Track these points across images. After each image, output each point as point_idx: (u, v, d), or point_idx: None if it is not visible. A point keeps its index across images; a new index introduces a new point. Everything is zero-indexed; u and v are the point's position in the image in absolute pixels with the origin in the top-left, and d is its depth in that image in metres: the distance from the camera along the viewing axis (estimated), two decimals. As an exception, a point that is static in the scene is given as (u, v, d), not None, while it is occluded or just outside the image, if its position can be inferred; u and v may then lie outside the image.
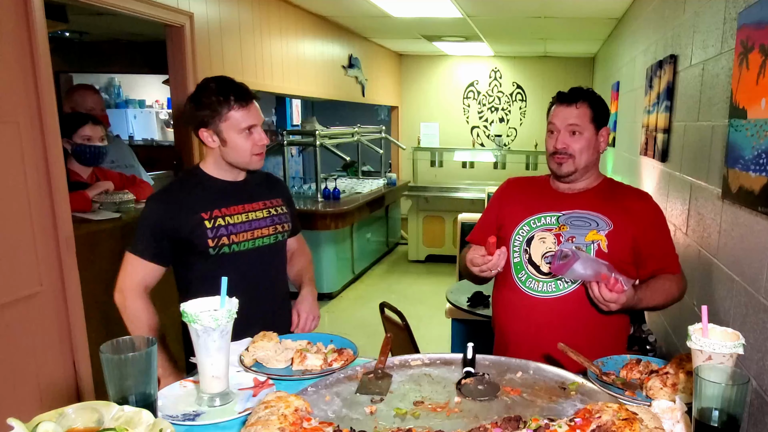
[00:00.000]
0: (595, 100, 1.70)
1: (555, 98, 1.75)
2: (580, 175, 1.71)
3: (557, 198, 1.73)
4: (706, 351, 1.01)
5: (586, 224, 1.65)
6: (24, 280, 2.17)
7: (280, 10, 4.45)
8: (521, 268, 1.69)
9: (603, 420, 0.95)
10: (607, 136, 1.73)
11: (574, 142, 1.66)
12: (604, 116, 1.72)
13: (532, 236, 1.69)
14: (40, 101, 2.20)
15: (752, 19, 1.52)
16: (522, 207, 1.75)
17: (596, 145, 1.70)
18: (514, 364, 1.34)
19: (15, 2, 2.11)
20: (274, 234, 1.81)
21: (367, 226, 6.42)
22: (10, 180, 2.11)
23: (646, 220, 1.67)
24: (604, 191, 1.73)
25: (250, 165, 1.73)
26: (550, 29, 5.66)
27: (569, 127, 1.66)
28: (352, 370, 1.30)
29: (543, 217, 1.70)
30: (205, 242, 1.67)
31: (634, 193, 1.76)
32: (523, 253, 1.69)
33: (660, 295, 1.62)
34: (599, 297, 1.49)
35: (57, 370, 2.35)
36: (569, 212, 1.68)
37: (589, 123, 1.67)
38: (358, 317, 4.97)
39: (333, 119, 8.32)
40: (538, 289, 1.66)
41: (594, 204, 1.68)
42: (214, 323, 1.11)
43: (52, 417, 0.88)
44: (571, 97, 1.69)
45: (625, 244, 1.64)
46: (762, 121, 1.42)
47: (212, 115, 1.65)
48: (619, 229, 1.63)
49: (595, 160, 1.72)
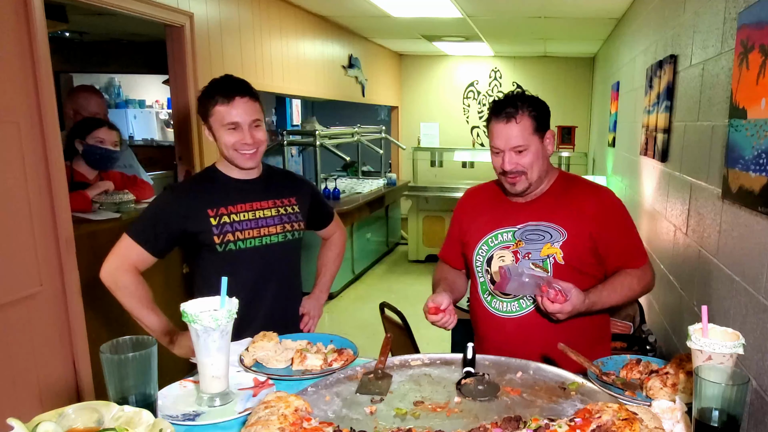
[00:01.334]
0: (533, 107, 1.60)
1: (490, 111, 1.63)
2: (535, 187, 1.65)
3: (512, 210, 1.68)
4: (706, 351, 1.01)
5: (540, 237, 1.62)
6: (24, 280, 2.17)
7: (280, 10, 4.45)
8: (485, 289, 1.70)
9: (603, 420, 0.95)
10: (552, 138, 1.65)
11: (522, 159, 1.59)
12: (545, 119, 1.63)
13: (492, 255, 1.67)
14: (40, 101, 2.20)
15: (752, 19, 1.52)
16: (480, 223, 1.72)
17: (544, 152, 1.62)
18: (514, 364, 1.34)
19: (15, 2, 2.11)
20: (283, 233, 1.81)
21: (367, 226, 6.42)
22: (10, 180, 2.11)
23: (601, 217, 1.61)
24: (558, 193, 1.67)
25: (236, 161, 1.71)
26: (550, 29, 5.66)
27: (513, 148, 1.58)
28: (352, 370, 1.30)
29: (500, 234, 1.67)
30: (210, 239, 1.69)
31: (589, 189, 1.69)
32: (485, 273, 1.69)
33: (617, 293, 1.58)
34: (544, 309, 1.48)
35: (57, 370, 2.35)
36: (524, 225, 1.64)
37: (532, 135, 1.58)
38: (358, 317, 4.97)
39: (333, 119, 8.32)
40: (502, 309, 1.67)
41: (548, 211, 1.64)
42: (214, 323, 1.11)
43: (52, 417, 0.88)
44: (508, 113, 1.57)
45: (582, 249, 1.60)
46: (762, 121, 1.42)
47: (204, 110, 1.69)
48: (574, 235, 1.59)
49: (547, 166, 1.66)
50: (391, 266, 6.93)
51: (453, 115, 8.00)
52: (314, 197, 1.98)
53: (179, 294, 2.77)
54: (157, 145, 7.41)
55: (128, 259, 1.68)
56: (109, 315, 2.42)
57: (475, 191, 1.86)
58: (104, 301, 1.85)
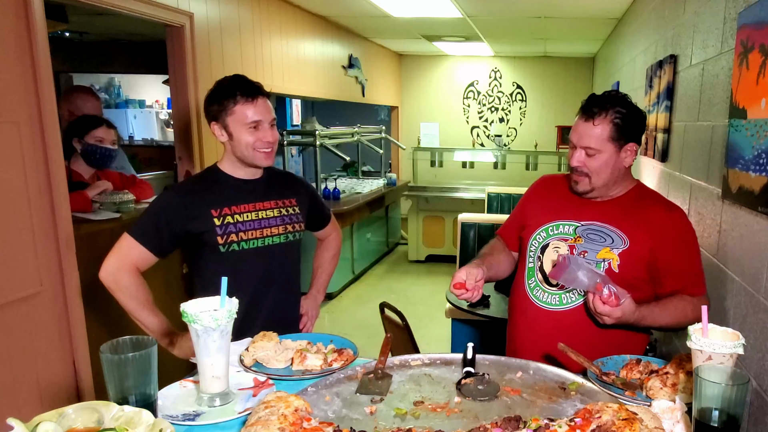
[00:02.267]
0: (620, 113, 1.55)
1: (581, 105, 1.62)
2: (599, 193, 1.62)
3: (580, 205, 1.66)
4: (706, 351, 1.01)
5: (601, 239, 1.59)
6: (24, 280, 2.17)
7: (280, 10, 4.45)
8: (532, 275, 1.67)
9: (603, 420, 0.95)
10: (634, 151, 1.59)
11: (590, 162, 1.56)
12: (632, 130, 1.57)
13: (548, 244, 1.65)
14: (40, 101, 2.20)
15: (752, 19, 1.52)
16: (544, 210, 1.70)
17: (618, 162, 1.57)
18: (514, 364, 1.34)
19: (15, 2, 2.11)
20: (284, 233, 1.82)
21: (367, 226, 6.42)
22: (10, 180, 2.11)
23: (667, 233, 1.56)
24: (630, 201, 1.63)
25: (255, 161, 1.73)
26: (550, 29, 5.66)
27: (584, 147, 1.57)
28: (352, 370, 1.30)
29: (561, 225, 1.65)
30: (214, 239, 1.70)
31: (662, 204, 1.65)
32: (536, 259, 1.67)
33: (669, 314, 1.51)
34: (593, 308, 1.45)
35: (57, 370, 2.35)
36: (588, 223, 1.61)
37: (608, 142, 1.54)
38: (358, 317, 4.97)
39: (333, 119, 8.32)
40: (543, 299, 1.64)
41: (615, 216, 1.60)
42: (214, 323, 1.11)
43: (52, 417, 0.88)
44: (591, 112, 1.56)
45: (639, 262, 1.55)
46: (762, 121, 1.42)
47: (220, 109, 1.69)
48: (635, 245, 1.55)
49: (619, 176, 1.61)
50: (391, 266, 6.94)
51: (453, 115, 8.00)
52: (313, 198, 1.99)
53: (179, 294, 2.77)
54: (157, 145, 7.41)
55: (129, 259, 1.67)
56: (109, 315, 2.42)
57: (550, 178, 1.85)
58: (104, 301, 1.85)
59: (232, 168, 1.78)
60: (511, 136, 7.91)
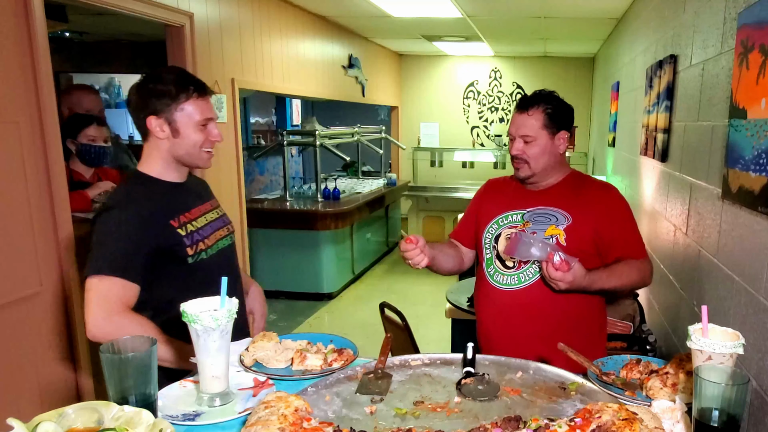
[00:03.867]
0: (550, 105, 1.74)
1: (516, 103, 1.83)
2: (540, 178, 1.78)
3: (524, 196, 1.83)
4: (706, 351, 1.01)
5: (547, 219, 1.75)
6: (24, 280, 2.17)
7: (280, 10, 4.45)
8: (491, 263, 1.81)
9: (603, 420, 0.95)
10: (566, 139, 1.77)
11: (528, 149, 1.74)
12: (562, 120, 1.76)
13: (500, 233, 1.80)
14: (40, 101, 2.20)
15: (752, 19, 1.52)
16: (494, 206, 1.86)
17: (553, 148, 1.75)
18: (514, 364, 1.34)
19: (15, 2, 2.11)
20: (228, 234, 1.73)
21: (367, 226, 6.42)
22: (10, 180, 2.11)
23: (606, 210, 1.74)
24: (568, 186, 1.80)
25: (198, 161, 1.59)
26: (550, 29, 5.66)
27: (521, 137, 1.74)
28: (352, 370, 1.30)
29: (510, 215, 1.81)
30: (184, 251, 1.53)
31: (597, 185, 1.84)
32: (492, 249, 1.81)
33: (617, 277, 1.66)
34: (547, 275, 1.57)
35: (57, 370, 2.35)
36: (533, 209, 1.78)
37: (541, 129, 1.72)
38: (358, 317, 4.97)
39: (333, 119, 8.32)
40: (503, 282, 1.77)
41: (556, 200, 1.77)
42: (214, 323, 1.11)
43: (52, 417, 0.88)
44: (524, 105, 1.75)
45: (584, 236, 1.71)
46: (762, 121, 1.42)
47: (168, 102, 1.51)
48: (578, 221, 1.72)
49: (555, 162, 1.78)
50: (391, 266, 6.93)
51: (453, 115, 8.00)
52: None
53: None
54: (157, 145, 7.39)
55: (113, 301, 1.40)
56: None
57: (495, 180, 2.02)
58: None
59: (163, 171, 1.58)
60: (511, 136, 7.91)
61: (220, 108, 3.61)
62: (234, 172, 3.82)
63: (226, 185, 3.73)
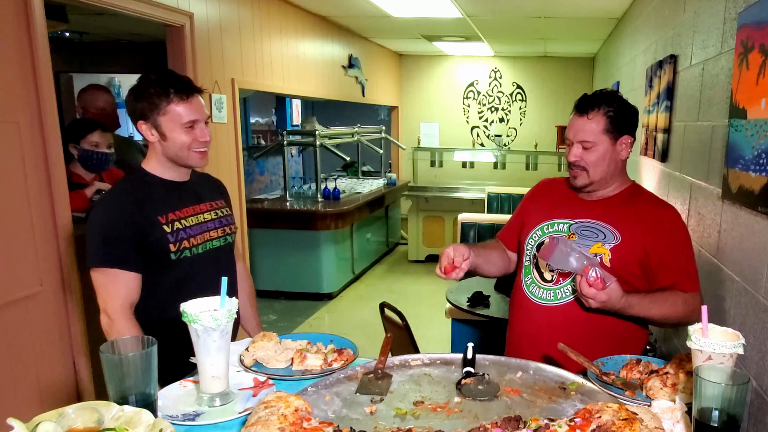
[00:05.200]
0: (612, 107, 1.60)
1: (575, 104, 1.68)
2: (598, 187, 1.65)
3: (574, 204, 1.70)
4: (706, 351, 1.01)
5: (594, 235, 1.61)
6: (24, 280, 2.17)
7: (280, 10, 4.45)
8: (528, 272, 1.70)
9: (603, 420, 0.95)
10: (629, 144, 1.64)
11: (587, 155, 1.60)
12: (626, 123, 1.62)
13: (543, 242, 1.67)
14: (40, 101, 2.20)
15: (752, 19, 1.52)
16: (541, 210, 1.74)
17: (614, 155, 1.61)
18: (514, 364, 1.34)
19: (15, 2, 2.11)
20: (223, 236, 1.75)
21: (367, 226, 6.42)
22: (10, 180, 2.11)
23: (660, 230, 1.58)
24: (623, 200, 1.66)
25: (190, 161, 1.63)
26: (550, 29, 5.66)
27: (581, 142, 1.61)
28: (352, 370, 1.30)
29: (556, 224, 1.68)
30: (166, 247, 1.58)
31: (655, 202, 1.68)
32: (532, 257, 1.70)
33: (659, 306, 1.51)
34: (579, 290, 1.45)
35: (57, 370, 2.35)
36: (581, 221, 1.65)
37: (602, 134, 1.59)
38: (358, 317, 4.97)
39: (333, 119, 8.32)
40: (538, 295, 1.66)
41: (608, 213, 1.63)
42: (214, 323, 1.11)
43: (52, 417, 0.88)
44: (584, 107, 1.61)
45: (632, 258, 1.57)
46: (762, 121, 1.42)
47: (150, 107, 1.56)
48: (627, 241, 1.57)
49: (616, 170, 1.64)
50: (391, 266, 6.93)
51: (453, 115, 8.00)
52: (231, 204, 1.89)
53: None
54: (156, 144, 7.39)
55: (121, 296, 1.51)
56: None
57: (549, 181, 1.88)
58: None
59: (162, 170, 1.65)
60: (511, 136, 7.91)
61: (221, 108, 3.61)
62: (234, 172, 3.82)
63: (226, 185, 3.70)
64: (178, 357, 1.31)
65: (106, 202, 1.61)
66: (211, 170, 2.56)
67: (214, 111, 3.53)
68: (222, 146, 3.65)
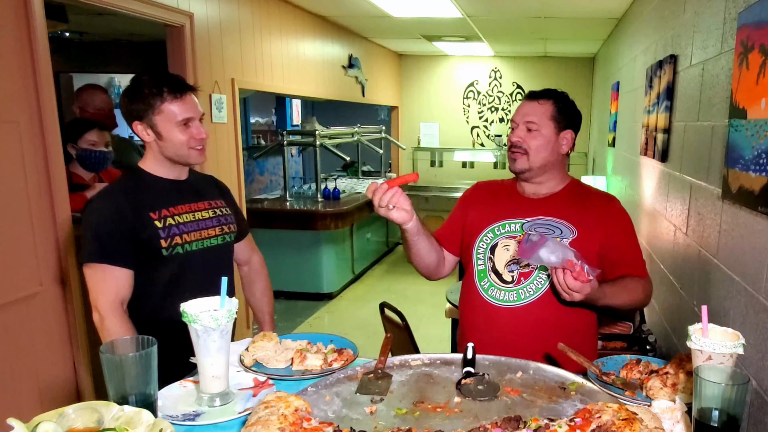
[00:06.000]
0: (561, 100, 1.67)
1: (525, 95, 1.75)
2: (536, 174, 1.66)
3: (522, 204, 1.70)
4: (706, 351, 1.01)
5: (550, 231, 1.61)
6: (24, 280, 2.17)
7: (280, 10, 4.45)
8: (484, 276, 1.67)
9: (603, 420, 0.95)
10: (571, 140, 1.67)
11: (530, 138, 1.63)
12: (570, 119, 1.67)
13: (496, 244, 1.66)
14: (40, 101, 2.20)
15: (752, 19, 1.52)
16: (487, 213, 1.72)
17: (556, 145, 1.65)
18: (514, 364, 1.34)
19: (15, 2, 2.11)
20: (221, 234, 1.75)
21: (367, 226, 6.42)
22: (10, 180, 2.11)
23: (612, 224, 1.64)
24: (570, 195, 1.69)
25: (189, 159, 1.65)
26: (550, 29, 5.66)
27: (526, 123, 1.64)
28: (352, 370, 1.30)
29: (507, 224, 1.67)
30: (158, 243, 1.59)
31: (601, 197, 1.72)
32: (487, 260, 1.67)
33: (625, 293, 1.57)
34: (563, 284, 1.40)
35: (57, 370, 2.35)
36: (534, 219, 1.65)
37: (549, 120, 1.63)
38: (358, 317, 4.97)
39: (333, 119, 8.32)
40: (499, 298, 1.63)
41: (559, 210, 1.65)
42: (214, 323, 1.11)
43: (52, 417, 0.88)
44: (535, 94, 1.68)
45: (590, 251, 1.58)
46: (762, 121, 1.42)
47: (145, 107, 1.58)
48: (584, 235, 1.60)
49: (556, 162, 1.67)
50: (391, 266, 6.93)
51: (453, 115, 8.00)
52: (236, 204, 1.91)
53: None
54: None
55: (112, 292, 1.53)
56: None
57: (487, 183, 1.86)
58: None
59: (159, 168, 1.66)
60: (511, 136, 7.91)
61: (221, 108, 3.61)
62: (234, 172, 3.82)
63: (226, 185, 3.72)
64: (177, 356, 1.31)
65: (100, 199, 1.62)
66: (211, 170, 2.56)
67: (214, 111, 3.53)
68: (222, 146, 3.65)
